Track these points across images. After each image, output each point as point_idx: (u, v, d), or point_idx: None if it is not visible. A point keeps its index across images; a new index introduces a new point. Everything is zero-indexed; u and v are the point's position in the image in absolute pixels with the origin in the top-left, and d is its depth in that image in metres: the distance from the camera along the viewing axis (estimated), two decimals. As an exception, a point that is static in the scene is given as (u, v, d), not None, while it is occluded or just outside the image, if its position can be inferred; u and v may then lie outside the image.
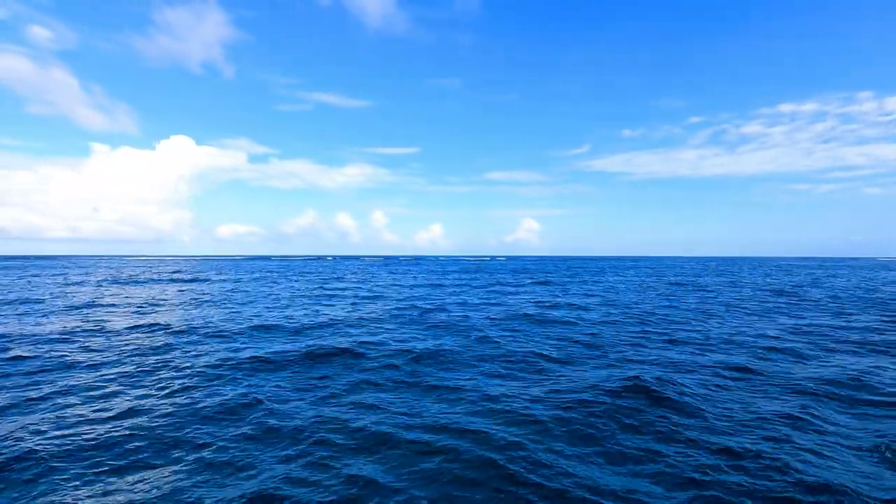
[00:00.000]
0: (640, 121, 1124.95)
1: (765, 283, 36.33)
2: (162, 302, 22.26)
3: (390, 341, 12.60)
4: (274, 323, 15.70)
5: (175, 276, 47.04)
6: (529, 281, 40.12)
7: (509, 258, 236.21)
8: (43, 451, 5.77)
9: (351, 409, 7.45)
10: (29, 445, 5.91)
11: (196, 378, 9.04)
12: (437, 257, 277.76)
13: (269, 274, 53.21)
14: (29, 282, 35.83)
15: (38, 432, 6.35)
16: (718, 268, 75.73)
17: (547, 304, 21.54)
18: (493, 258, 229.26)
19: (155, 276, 45.11)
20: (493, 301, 23.15)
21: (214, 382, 8.80)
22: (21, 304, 20.77)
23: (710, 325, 15.66)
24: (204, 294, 26.48)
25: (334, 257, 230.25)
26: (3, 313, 17.72)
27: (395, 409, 7.41)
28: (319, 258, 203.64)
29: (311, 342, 12.31)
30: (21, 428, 6.47)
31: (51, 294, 25.66)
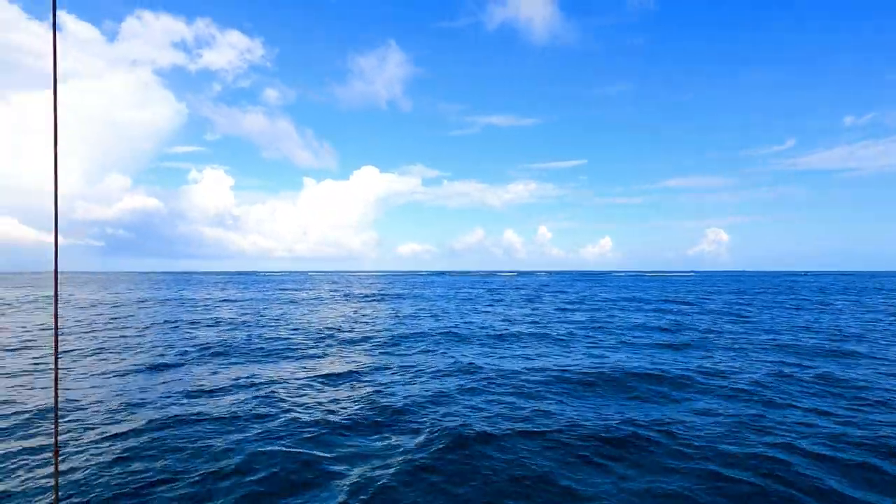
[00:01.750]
0: (866, 105, 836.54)
1: None
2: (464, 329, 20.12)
3: None
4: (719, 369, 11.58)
5: (403, 292, 50.21)
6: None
7: (700, 274, 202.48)
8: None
9: None
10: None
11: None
12: (609, 273, 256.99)
13: (472, 289, 52.78)
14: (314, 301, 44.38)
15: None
16: None
17: None
18: (680, 273, 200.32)
19: (384, 292, 49.62)
20: None
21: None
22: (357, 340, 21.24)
23: None
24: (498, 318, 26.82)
25: (510, 272, 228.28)
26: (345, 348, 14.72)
27: None
28: (491, 273, 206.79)
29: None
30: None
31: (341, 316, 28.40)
